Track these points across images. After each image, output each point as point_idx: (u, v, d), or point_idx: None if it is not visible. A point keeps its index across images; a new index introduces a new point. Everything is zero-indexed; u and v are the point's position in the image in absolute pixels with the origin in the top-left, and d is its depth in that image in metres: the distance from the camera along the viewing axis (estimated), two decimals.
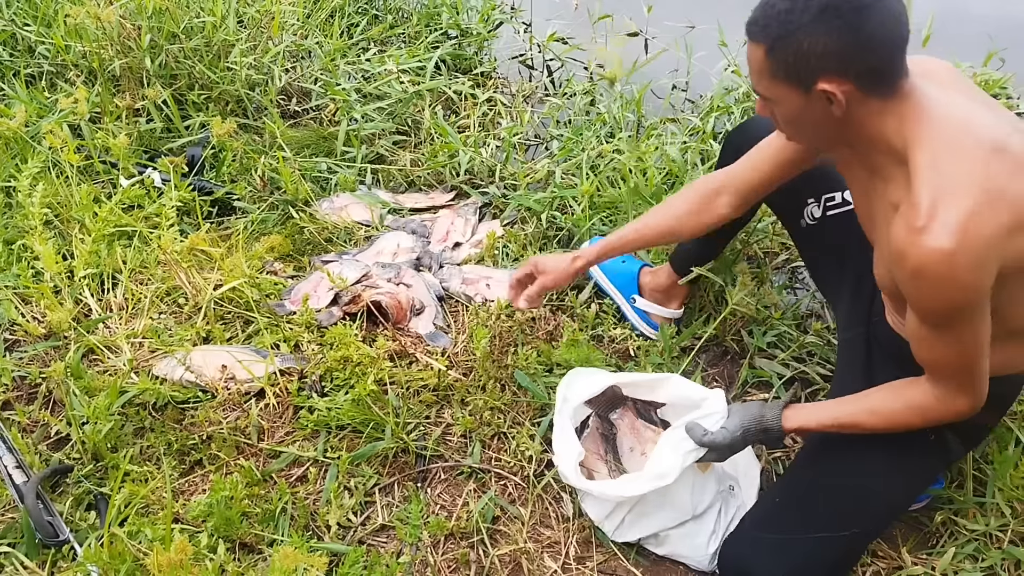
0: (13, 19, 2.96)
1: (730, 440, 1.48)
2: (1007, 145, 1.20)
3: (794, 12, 1.18)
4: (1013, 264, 1.19)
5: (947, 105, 1.24)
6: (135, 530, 1.55)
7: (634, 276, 2.10)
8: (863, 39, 1.17)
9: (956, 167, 1.18)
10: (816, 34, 1.17)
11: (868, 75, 1.20)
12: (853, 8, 1.16)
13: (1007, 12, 3.47)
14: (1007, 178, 1.17)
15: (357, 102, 2.76)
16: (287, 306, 2.12)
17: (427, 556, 1.62)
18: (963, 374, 1.30)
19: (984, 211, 1.15)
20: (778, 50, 1.22)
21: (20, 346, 2.02)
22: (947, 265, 1.15)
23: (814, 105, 1.25)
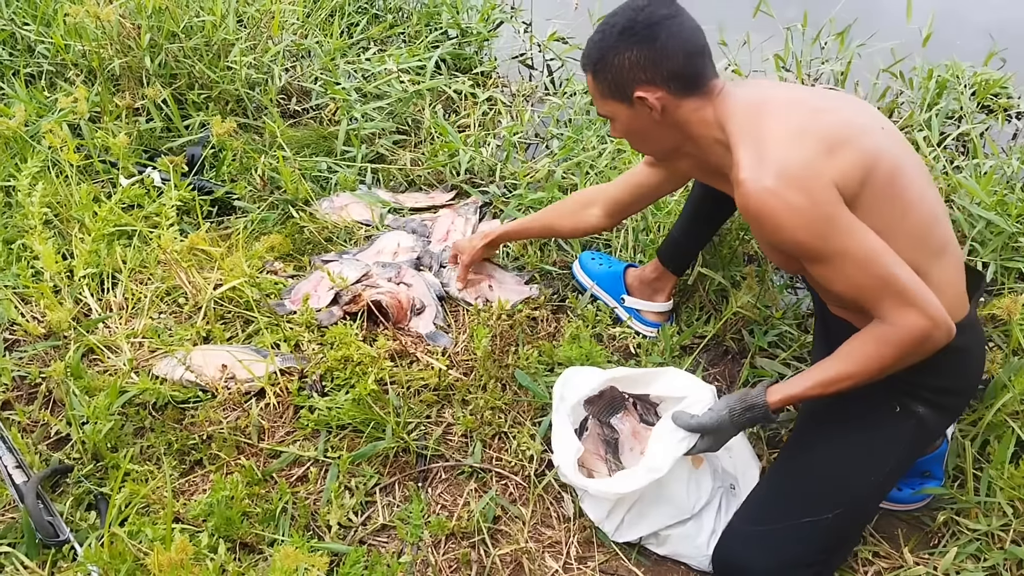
0: (13, 18, 2.96)
1: (716, 421, 1.48)
2: (803, 99, 1.44)
3: (604, 38, 1.46)
4: (843, 180, 1.32)
5: (748, 90, 1.47)
6: (135, 530, 1.55)
7: (619, 276, 2.11)
8: (658, 50, 1.41)
9: (758, 125, 1.38)
10: (621, 52, 1.43)
11: (674, 79, 1.43)
12: (645, 26, 1.41)
13: (1007, 12, 3.47)
14: (807, 120, 1.37)
15: (357, 101, 2.76)
16: (287, 306, 2.12)
17: (428, 556, 1.62)
18: (884, 287, 1.33)
19: (789, 147, 1.32)
20: (599, 72, 1.48)
21: (20, 346, 2.01)
22: (774, 196, 1.30)
23: (639, 114, 1.49)
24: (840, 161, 1.32)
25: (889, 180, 1.37)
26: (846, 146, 1.33)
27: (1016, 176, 2.36)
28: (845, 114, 1.42)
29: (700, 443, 1.51)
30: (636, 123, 1.51)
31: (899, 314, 1.33)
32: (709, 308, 2.12)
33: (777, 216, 1.30)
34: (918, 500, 1.70)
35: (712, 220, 1.99)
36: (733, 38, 2.83)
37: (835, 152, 1.32)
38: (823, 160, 1.31)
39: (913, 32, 2.75)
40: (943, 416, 1.55)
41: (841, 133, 1.35)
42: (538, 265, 2.23)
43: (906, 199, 1.39)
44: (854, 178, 1.33)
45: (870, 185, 1.34)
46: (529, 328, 2.07)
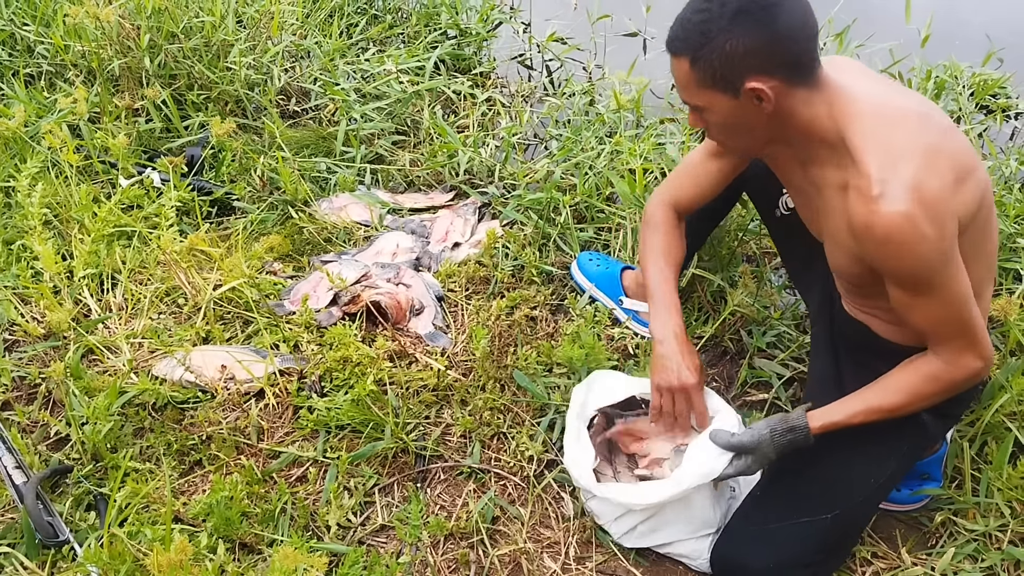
0: (12, 19, 2.96)
1: (757, 440, 1.45)
2: (927, 113, 1.32)
3: (710, 21, 1.26)
4: (964, 214, 1.27)
5: (864, 87, 1.33)
6: (135, 530, 1.55)
7: (616, 278, 2.11)
8: (778, 34, 1.25)
9: (892, 136, 1.26)
10: (735, 37, 1.25)
11: (790, 68, 1.28)
12: (761, 8, 1.24)
13: (1006, 12, 3.47)
14: (939, 139, 1.27)
15: (356, 102, 2.76)
16: (286, 306, 2.12)
17: (427, 556, 1.62)
18: (959, 330, 1.32)
19: (928, 169, 1.23)
20: (703, 59, 1.29)
21: (20, 346, 2.02)
22: (910, 224, 1.21)
23: (745, 106, 1.31)
24: (964, 194, 1.26)
25: (987, 217, 1.36)
26: (970, 178, 1.28)
27: (1014, 176, 2.36)
28: (965, 140, 1.35)
29: (737, 464, 1.47)
30: (738, 116, 1.34)
31: (960, 356, 1.33)
32: (707, 309, 2.12)
33: (907, 243, 1.22)
34: (917, 501, 1.70)
35: (709, 223, 1.98)
36: None
37: (962, 183, 1.26)
38: (953, 191, 1.24)
39: (912, 32, 2.76)
40: (945, 421, 1.55)
41: (968, 163, 1.29)
42: (537, 265, 2.23)
43: (991, 228, 1.39)
44: (970, 212, 1.28)
45: (976, 221, 1.31)
46: (528, 328, 2.08)
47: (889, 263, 1.28)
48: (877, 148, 1.25)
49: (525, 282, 2.22)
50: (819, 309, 1.66)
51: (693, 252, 2.04)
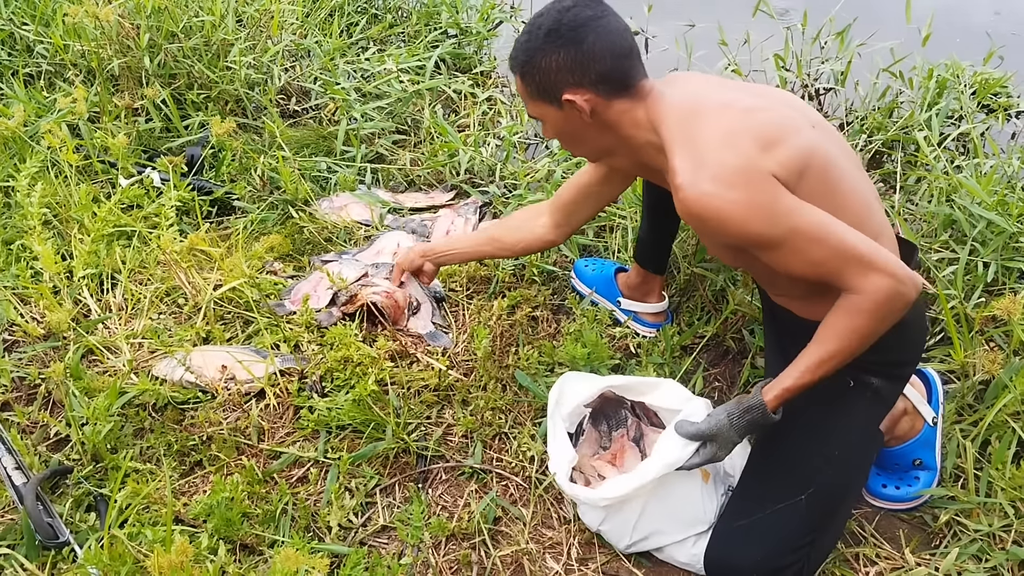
0: (11, 18, 2.95)
1: (716, 426, 1.46)
2: (732, 101, 1.44)
3: (530, 40, 1.44)
4: (783, 171, 1.33)
5: (680, 91, 1.47)
6: (135, 532, 1.54)
7: (611, 279, 2.11)
8: (585, 52, 1.40)
9: (692, 129, 1.38)
10: (548, 54, 1.42)
11: (602, 81, 1.42)
12: (570, 28, 1.40)
13: (1005, 11, 3.47)
14: (739, 120, 1.38)
15: (357, 101, 2.75)
16: (287, 306, 2.12)
17: (428, 557, 1.62)
18: (844, 259, 1.34)
19: (724, 147, 1.34)
20: (527, 75, 1.47)
21: (19, 347, 2.01)
22: (713, 199, 1.31)
23: (569, 116, 1.48)
24: (776, 156, 1.34)
25: (824, 173, 1.39)
26: (780, 144, 1.35)
27: (1016, 176, 2.35)
28: (777, 112, 1.43)
29: (703, 451, 1.48)
30: (566, 125, 1.51)
31: (864, 280, 1.34)
32: (709, 308, 2.12)
33: (721, 215, 1.31)
34: (917, 498, 1.70)
35: (670, 212, 1.96)
36: (733, 37, 2.83)
37: (770, 149, 1.34)
38: (758, 156, 1.33)
39: (913, 31, 2.75)
40: (896, 383, 1.58)
41: (774, 131, 1.37)
42: (538, 264, 2.22)
43: (841, 191, 1.42)
44: (792, 171, 1.34)
45: (806, 179, 1.36)
46: (529, 328, 2.07)
47: (723, 236, 1.36)
48: (680, 142, 1.38)
49: (526, 282, 2.22)
50: (762, 303, 1.74)
51: (669, 248, 2.05)
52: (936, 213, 2.21)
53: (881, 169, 2.57)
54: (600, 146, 1.55)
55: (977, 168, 2.35)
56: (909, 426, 1.70)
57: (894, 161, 2.56)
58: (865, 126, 2.68)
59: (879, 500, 1.72)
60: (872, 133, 2.66)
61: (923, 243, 2.17)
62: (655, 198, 1.94)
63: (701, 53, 2.92)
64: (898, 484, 1.71)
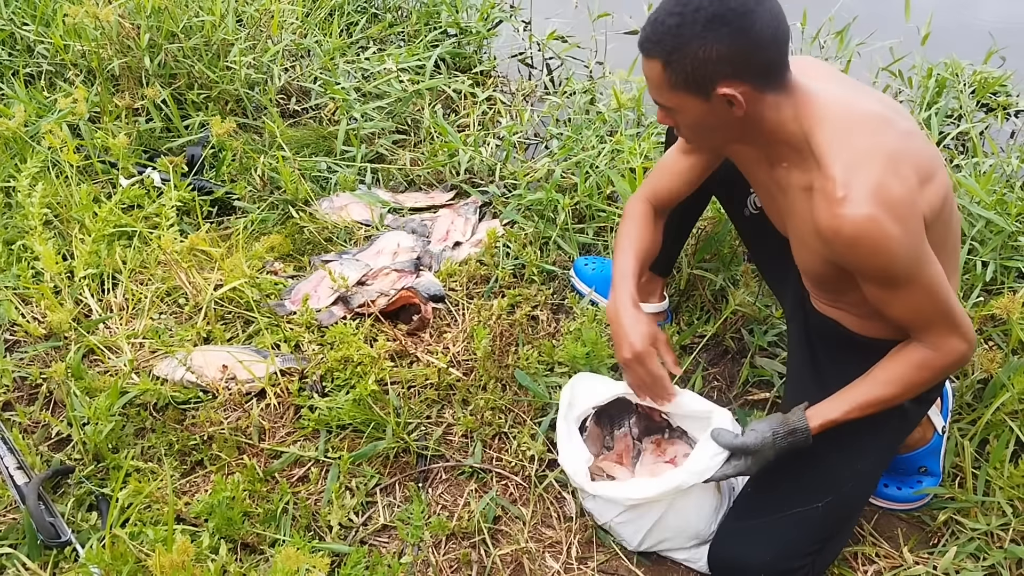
0: (12, 18, 2.96)
1: (759, 442, 1.44)
2: (889, 117, 1.35)
3: (684, 25, 1.26)
4: (929, 212, 1.30)
5: (830, 91, 1.36)
6: (137, 531, 1.55)
7: (610, 278, 2.10)
8: (752, 41, 1.26)
9: (856, 140, 1.29)
10: (708, 43, 1.25)
11: (761, 74, 1.30)
12: (738, 14, 1.24)
13: (1006, 10, 3.47)
14: (900, 143, 1.31)
15: (357, 101, 2.75)
16: (287, 306, 2.12)
17: (429, 556, 1.62)
18: (940, 317, 1.34)
19: (891, 172, 1.26)
20: (675, 63, 1.29)
21: (21, 347, 2.02)
22: (875, 225, 1.24)
23: (716, 109, 1.33)
24: (929, 194, 1.30)
25: (950, 216, 1.39)
26: (934, 179, 1.32)
27: (1015, 175, 2.36)
28: (927, 143, 1.39)
29: (737, 464, 1.47)
30: (708, 118, 1.35)
31: (944, 341, 1.35)
32: (709, 308, 2.12)
33: (875, 244, 1.25)
34: (918, 499, 1.70)
35: (689, 217, 1.97)
36: None
37: (926, 185, 1.30)
38: (918, 192, 1.28)
39: (912, 30, 2.76)
40: (923, 406, 1.58)
41: (931, 164, 1.33)
42: (538, 264, 2.23)
43: (954, 224, 1.42)
44: (935, 211, 1.32)
45: (939, 220, 1.35)
46: (529, 328, 2.08)
47: (860, 264, 1.30)
48: (841, 152, 1.28)
49: (526, 281, 2.22)
50: (793, 306, 1.68)
51: (678, 253, 2.04)
52: None
53: None
54: (733, 139, 1.44)
55: (976, 167, 2.36)
56: (920, 435, 1.70)
57: None
58: None
59: (881, 500, 1.72)
60: None
61: None
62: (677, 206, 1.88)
63: None
64: (900, 485, 1.71)
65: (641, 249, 1.72)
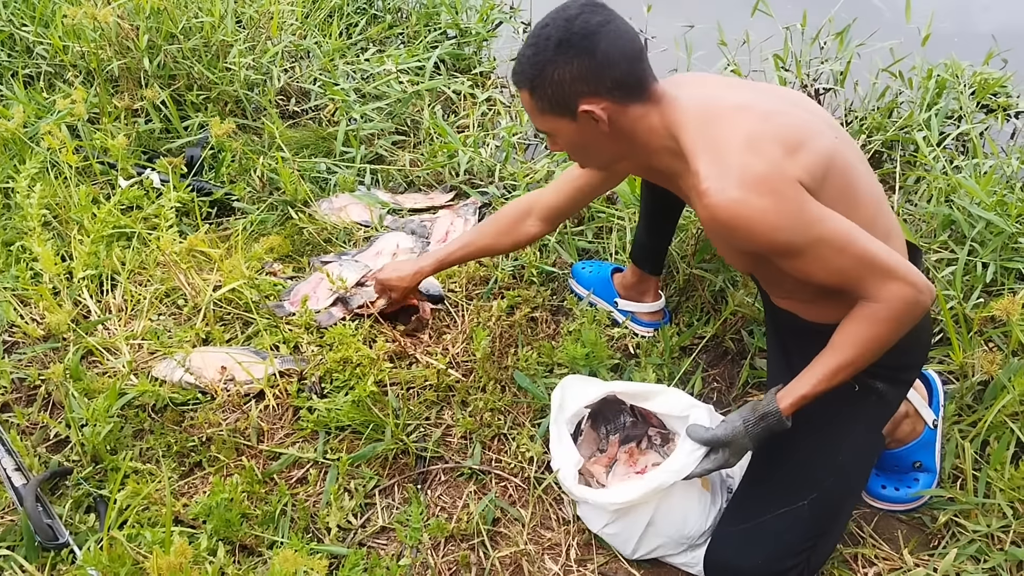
0: (11, 19, 2.96)
1: (731, 432, 1.46)
2: (749, 104, 1.40)
3: (539, 53, 1.38)
4: (807, 176, 1.32)
5: (692, 94, 1.43)
6: (135, 533, 1.55)
7: (608, 280, 2.11)
8: (598, 60, 1.35)
9: (713, 132, 1.35)
10: (560, 66, 1.36)
11: (617, 88, 1.38)
12: (581, 36, 1.34)
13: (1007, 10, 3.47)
14: (758, 124, 1.35)
15: (356, 102, 2.75)
16: (286, 307, 2.12)
17: (427, 558, 1.62)
18: (867, 268, 1.33)
19: (749, 152, 1.31)
20: (538, 89, 1.40)
21: (19, 348, 2.01)
22: (743, 205, 1.28)
23: (584, 127, 1.42)
24: (800, 161, 1.32)
25: (842, 177, 1.39)
26: (803, 148, 1.34)
27: (1016, 176, 2.35)
28: (796, 116, 1.41)
29: (715, 457, 1.48)
30: (580, 137, 1.45)
31: (884, 288, 1.33)
32: (708, 309, 2.12)
33: (750, 223, 1.29)
34: (916, 500, 1.70)
35: (669, 216, 1.99)
36: (732, 37, 2.83)
37: (793, 154, 1.32)
38: (784, 161, 1.31)
39: (912, 31, 2.75)
40: (900, 388, 1.57)
41: (796, 135, 1.35)
42: (537, 265, 2.22)
43: (857, 193, 1.41)
44: (816, 176, 1.33)
45: (827, 183, 1.35)
46: (528, 329, 2.07)
47: (751, 244, 1.33)
48: (701, 146, 1.35)
49: (525, 282, 2.22)
50: (764, 305, 1.71)
51: (665, 250, 2.06)
52: (935, 213, 2.21)
53: (880, 169, 2.57)
54: (613, 154, 1.51)
55: (976, 168, 2.35)
56: (910, 429, 1.70)
57: (893, 161, 2.56)
58: (864, 126, 2.68)
59: (878, 501, 1.72)
60: (871, 133, 2.66)
61: (922, 243, 2.17)
62: (655, 201, 1.95)
63: (700, 54, 2.92)
64: (897, 485, 1.71)
65: (474, 241, 1.92)
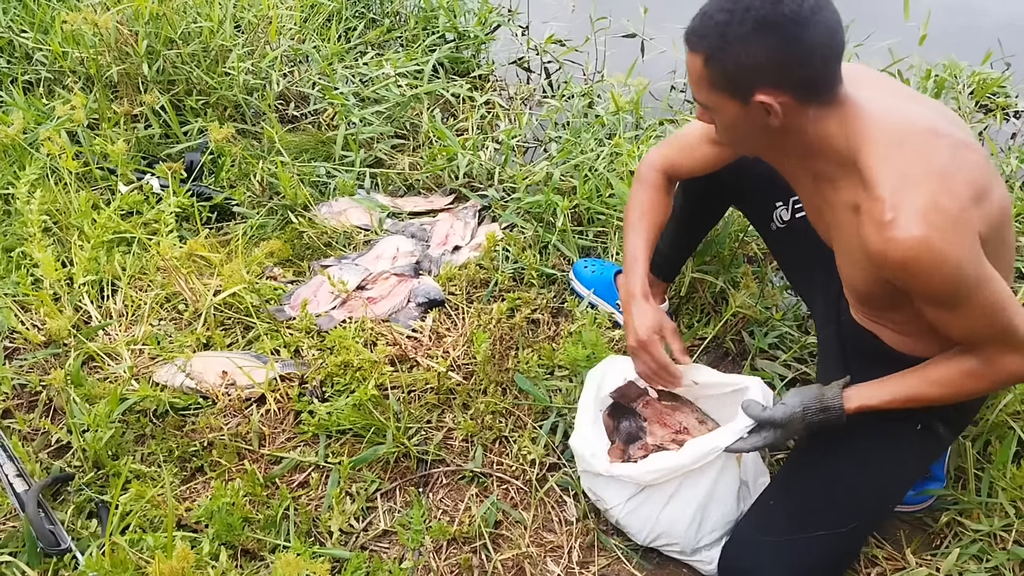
0: (10, 26, 2.96)
1: (788, 415, 1.41)
2: (939, 130, 1.28)
3: (731, 24, 1.20)
4: (986, 228, 1.24)
5: (880, 104, 1.29)
6: (137, 538, 1.55)
7: (611, 281, 2.11)
8: (800, 53, 1.20)
9: (905, 158, 1.23)
10: (752, 47, 1.20)
11: (805, 86, 1.24)
12: (790, 21, 1.17)
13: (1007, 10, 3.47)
14: (951, 157, 1.24)
15: (355, 106, 2.76)
16: (287, 311, 2.12)
17: (429, 561, 1.62)
18: (1000, 335, 1.28)
19: (942, 190, 1.20)
20: (715, 61, 1.24)
21: (20, 354, 2.01)
22: (927, 249, 1.18)
23: (752, 115, 1.28)
24: (984, 211, 1.24)
25: (1005, 231, 1.34)
26: (987, 197, 1.26)
27: (1015, 175, 2.36)
28: (981, 155, 1.32)
29: (765, 435, 1.44)
30: (745, 123, 1.30)
31: (1001, 356, 1.30)
32: (709, 310, 2.12)
33: (927, 267, 1.20)
34: (921, 501, 1.70)
35: (702, 229, 1.96)
36: None
37: (981, 201, 1.24)
38: (972, 209, 1.22)
39: (912, 31, 2.75)
40: (956, 431, 1.55)
41: (983, 181, 1.26)
42: (537, 267, 2.22)
43: (1009, 236, 1.37)
44: (992, 228, 1.26)
45: (999, 232, 1.30)
46: (529, 332, 2.07)
47: (914, 286, 1.25)
48: (889, 170, 1.22)
49: (526, 285, 2.22)
50: (824, 316, 1.64)
51: (684, 261, 2.04)
52: None
53: None
54: (768, 146, 1.38)
55: None
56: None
57: None
58: None
59: None
60: None
61: None
62: (691, 217, 1.88)
63: None
64: None
65: (653, 225, 1.71)
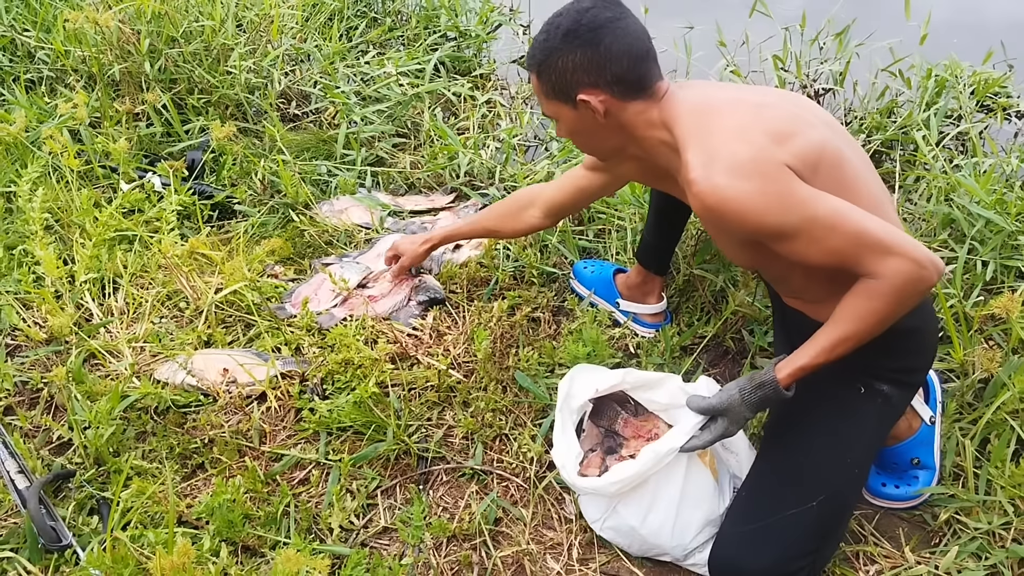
0: (13, 24, 2.97)
1: (727, 400, 1.47)
2: (745, 98, 1.45)
3: (549, 40, 1.45)
4: (798, 161, 1.33)
5: (697, 92, 1.48)
6: (138, 534, 1.55)
7: (610, 280, 2.12)
8: (602, 54, 1.41)
9: (705, 125, 1.39)
10: (566, 55, 1.43)
11: (617, 83, 1.43)
12: (588, 29, 1.40)
13: (1007, 10, 3.47)
14: (750, 116, 1.38)
15: (356, 105, 2.76)
16: (288, 309, 2.13)
17: (429, 558, 1.62)
18: (862, 245, 1.31)
19: (737, 141, 1.34)
20: (544, 73, 1.47)
21: (22, 351, 2.02)
22: (732, 190, 1.30)
23: (583, 116, 1.49)
24: (789, 148, 1.33)
25: (837, 169, 1.39)
26: (793, 137, 1.35)
27: (1015, 174, 2.36)
28: (787, 110, 1.43)
29: (714, 428, 1.49)
30: (580, 124, 1.51)
31: (883, 264, 1.31)
32: (709, 308, 2.12)
33: (737, 207, 1.30)
34: (916, 497, 1.70)
35: (677, 216, 2.00)
36: (732, 38, 2.84)
37: (783, 142, 1.34)
38: (771, 147, 1.32)
39: (912, 31, 2.76)
40: (906, 391, 1.58)
41: (786, 126, 1.37)
42: (537, 266, 2.23)
43: (855, 187, 1.41)
44: (807, 163, 1.34)
45: (820, 173, 1.35)
46: (530, 330, 2.08)
47: (740, 229, 1.34)
48: (693, 138, 1.38)
49: (526, 283, 2.22)
50: (772, 302, 1.73)
51: (672, 251, 2.07)
52: (935, 212, 2.22)
53: (880, 169, 2.58)
54: (612, 146, 1.56)
55: (976, 167, 2.35)
56: (906, 425, 1.71)
57: (893, 161, 2.56)
58: (864, 126, 2.69)
59: (879, 499, 1.72)
60: (871, 133, 2.66)
61: (922, 242, 2.17)
62: (663, 203, 1.96)
63: (700, 54, 2.93)
64: (897, 483, 1.71)
65: (479, 220, 2.04)
